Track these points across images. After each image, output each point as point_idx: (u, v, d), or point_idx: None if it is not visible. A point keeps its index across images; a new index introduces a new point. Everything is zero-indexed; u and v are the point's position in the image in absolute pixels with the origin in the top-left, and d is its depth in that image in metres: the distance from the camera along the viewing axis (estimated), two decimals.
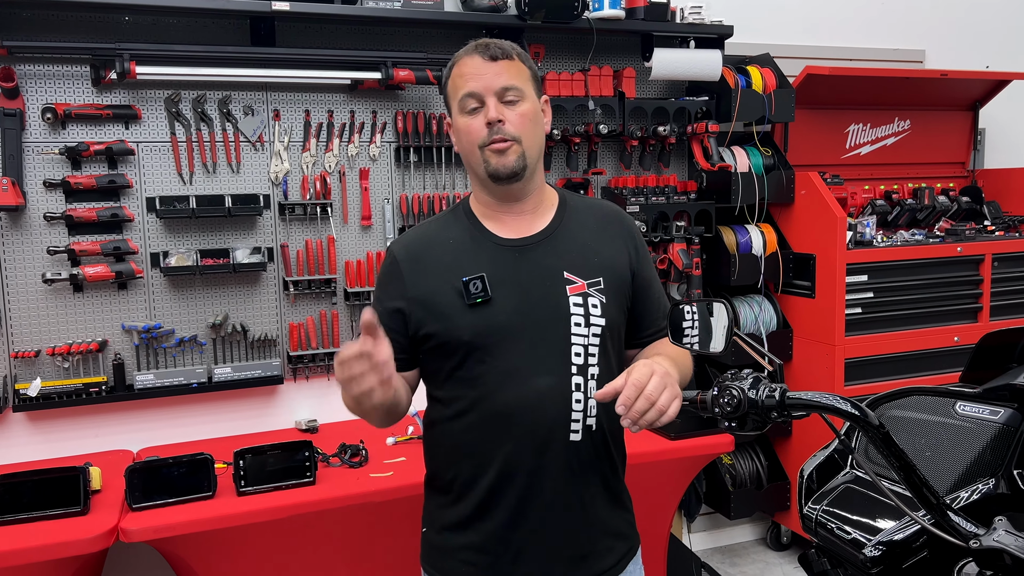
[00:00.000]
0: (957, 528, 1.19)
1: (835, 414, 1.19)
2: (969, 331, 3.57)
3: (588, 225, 1.64)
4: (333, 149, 3.04)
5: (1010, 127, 4.34)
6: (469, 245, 1.58)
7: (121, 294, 2.83)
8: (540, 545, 1.55)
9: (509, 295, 1.53)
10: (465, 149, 1.57)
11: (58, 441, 2.79)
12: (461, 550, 1.58)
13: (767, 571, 3.71)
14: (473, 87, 1.51)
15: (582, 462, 1.56)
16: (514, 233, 1.59)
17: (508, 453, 1.53)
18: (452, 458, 1.60)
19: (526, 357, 1.52)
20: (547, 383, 1.52)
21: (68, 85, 2.73)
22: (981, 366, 1.60)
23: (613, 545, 1.63)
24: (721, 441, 2.83)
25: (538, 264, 1.56)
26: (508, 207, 1.60)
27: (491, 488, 1.54)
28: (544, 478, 1.54)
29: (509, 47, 1.54)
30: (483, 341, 1.52)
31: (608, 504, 1.63)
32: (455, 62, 1.56)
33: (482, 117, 1.51)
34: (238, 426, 3.00)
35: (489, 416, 1.53)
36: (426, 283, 1.56)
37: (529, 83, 1.55)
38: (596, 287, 1.57)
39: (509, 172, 1.52)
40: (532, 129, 1.55)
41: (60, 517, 2.22)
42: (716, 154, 3.47)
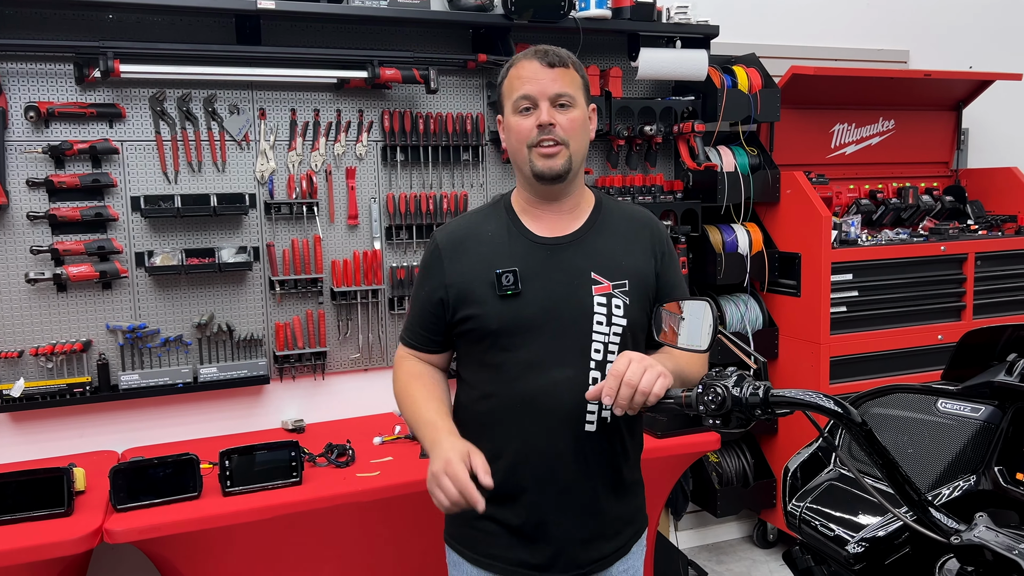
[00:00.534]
0: (938, 524, 1.20)
1: (818, 412, 1.20)
2: (953, 329, 3.61)
3: (619, 230, 1.73)
4: (319, 148, 3.03)
5: (993, 127, 4.38)
6: (505, 239, 1.68)
7: (105, 294, 2.81)
8: (553, 525, 1.66)
9: (538, 290, 1.63)
10: (513, 147, 1.66)
11: (42, 442, 2.77)
12: (480, 519, 1.65)
13: (753, 568, 3.73)
14: (529, 90, 1.60)
15: (595, 451, 1.65)
16: (549, 232, 1.69)
17: (525, 437, 1.64)
18: (475, 437, 1.64)
19: (548, 349, 1.62)
20: (565, 375, 1.62)
21: (51, 83, 2.71)
22: (962, 364, 1.62)
23: (622, 529, 1.74)
24: (707, 439, 2.84)
25: (568, 263, 1.66)
26: (547, 205, 1.69)
27: (508, 469, 1.64)
28: (558, 464, 1.64)
29: (566, 56, 1.64)
30: (509, 331, 1.62)
31: (619, 492, 1.72)
32: (513, 63, 1.65)
33: (533, 119, 1.60)
34: (224, 426, 2.99)
35: (510, 402, 1.64)
36: (463, 271, 1.67)
37: (580, 92, 1.65)
38: (621, 289, 1.66)
39: (554, 174, 1.62)
40: (580, 135, 1.64)
41: (44, 518, 2.21)
42: (702, 154, 3.49)
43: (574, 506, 1.66)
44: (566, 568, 1.68)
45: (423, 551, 2.64)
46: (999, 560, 1.14)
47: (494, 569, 1.70)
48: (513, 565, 1.68)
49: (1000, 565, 1.14)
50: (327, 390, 3.14)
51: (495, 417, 1.67)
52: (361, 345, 3.16)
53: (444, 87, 3.17)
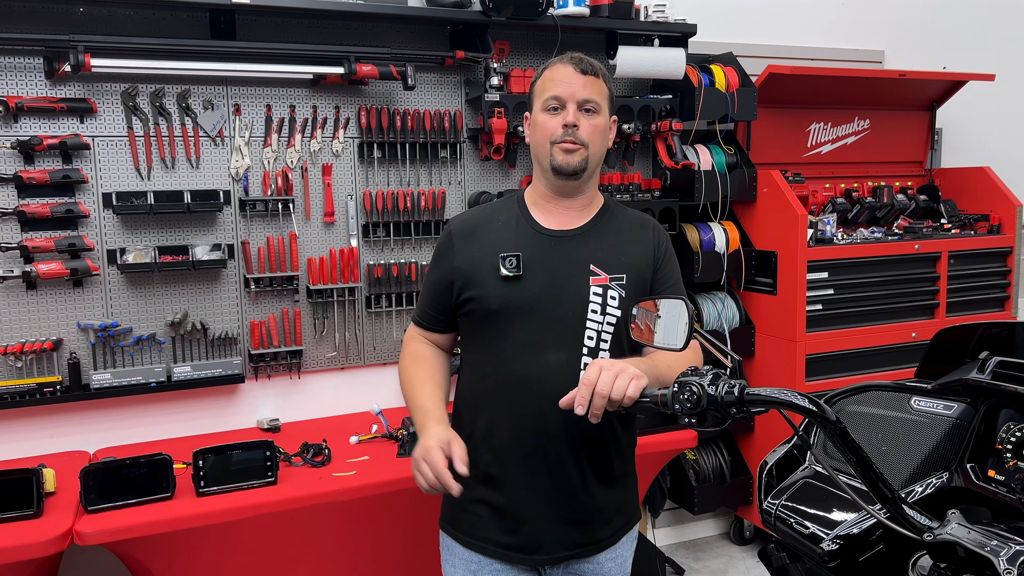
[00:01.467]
0: (912, 522, 1.21)
1: (793, 410, 1.20)
2: (926, 327, 3.64)
3: (622, 229, 1.84)
4: (295, 144, 3.00)
5: (966, 127, 4.43)
6: (513, 229, 1.80)
7: (76, 292, 2.77)
8: (543, 507, 1.74)
9: (538, 276, 1.74)
10: (537, 141, 1.78)
11: (11, 442, 2.72)
12: (472, 503, 1.77)
13: (730, 565, 3.75)
14: (560, 91, 1.73)
15: (585, 436, 1.73)
16: (555, 225, 1.80)
17: (517, 417, 1.73)
18: (471, 413, 1.81)
19: (543, 333, 1.72)
20: (558, 359, 1.72)
21: (20, 77, 2.66)
22: (936, 361, 1.63)
23: (612, 518, 1.82)
24: (684, 437, 2.85)
25: (569, 254, 1.77)
26: (560, 200, 1.81)
27: (502, 444, 1.75)
28: (548, 445, 1.72)
29: (598, 66, 1.76)
30: (508, 312, 1.73)
31: (609, 479, 1.80)
32: (548, 66, 1.78)
33: (560, 118, 1.73)
34: (198, 426, 2.96)
35: (504, 381, 1.74)
36: (471, 255, 1.78)
37: (606, 101, 1.77)
38: (618, 282, 1.76)
39: (572, 170, 1.74)
40: (599, 140, 1.77)
41: (13, 520, 2.16)
42: (680, 152, 3.50)
43: (565, 488, 1.74)
44: (552, 550, 1.75)
45: (400, 550, 2.62)
46: (971, 556, 1.15)
47: (485, 552, 1.77)
48: (503, 548, 1.76)
49: (972, 561, 1.15)
50: (303, 389, 3.12)
51: (490, 395, 1.77)
52: (338, 344, 3.13)
53: (422, 84, 3.15)
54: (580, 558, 1.79)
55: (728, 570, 3.70)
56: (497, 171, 3.35)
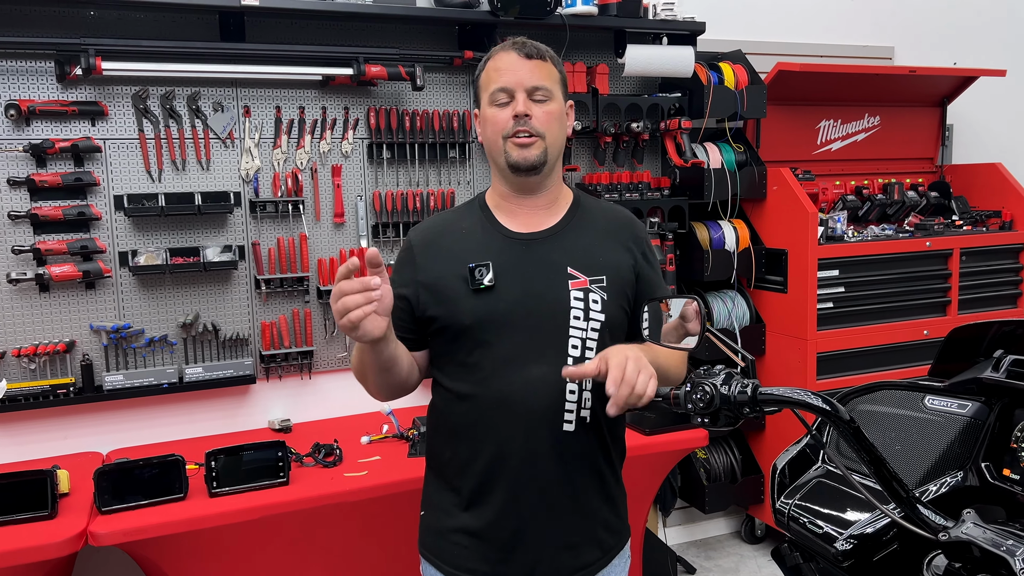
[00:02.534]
0: (926, 521, 1.20)
1: (806, 409, 1.20)
2: (938, 324, 3.63)
3: (597, 226, 1.69)
4: (304, 146, 3.01)
5: (977, 123, 4.41)
6: (479, 235, 1.65)
7: (89, 294, 2.78)
8: (531, 531, 1.60)
9: (512, 285, 1.59)
10: (489, 138, 1.63)
11: (25, 444, 2.74)
12: (454, 532, 1.64)
13: (742, 564, 3.74)
14: (506, 82, 1.58)
15: (575, 452, 1.61)
16: (524, 227, 1.66)
17: (502, 438, 1.59)
18: (450, 441, 1.66)
19: (524, 346, 1.58)
20: (541, 372, 1.57)
21: (32, 81, 2.67)
22: (949, 360, 1.62)
23: (603, 538, 1.68)
24: (695, 436, 2.85)
25: (543, 258, 1.62)
26: (523, 199, 1.66)
27: (485, 471, 1.60)
28: (536, 465, 1.59)
29: (544, 49, 1.62)
30: (483, 326, 1.58)
31: (601, 496, 1.67)
32: (491, 56, 1.63)
33: (510, 110, 1.58)
34: (210, 426, 2.97)
35: (485, 401, 1.59)
36: (435, 268, 1.63)
37: (558, 86, 1.63)
38: (598, 284, 1.62)
39: (529, 165, 1.59)
40: (556, 128, 1.62)
41: (27, 521, 2.18)
42: (689, 150, 3.49)
43: (554, 509, 1.61)
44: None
45: (412, 550, 2.62)
46: (986, 556, 1.14)
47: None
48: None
49: (987, 561, 1.14)
50: (314, 389, 3.13)
51: (470, 418, 1.61)
52: (348, 344, 3.14)
53: (430, 84, 3.15)
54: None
55: (739, 569, 3.70)
56: None
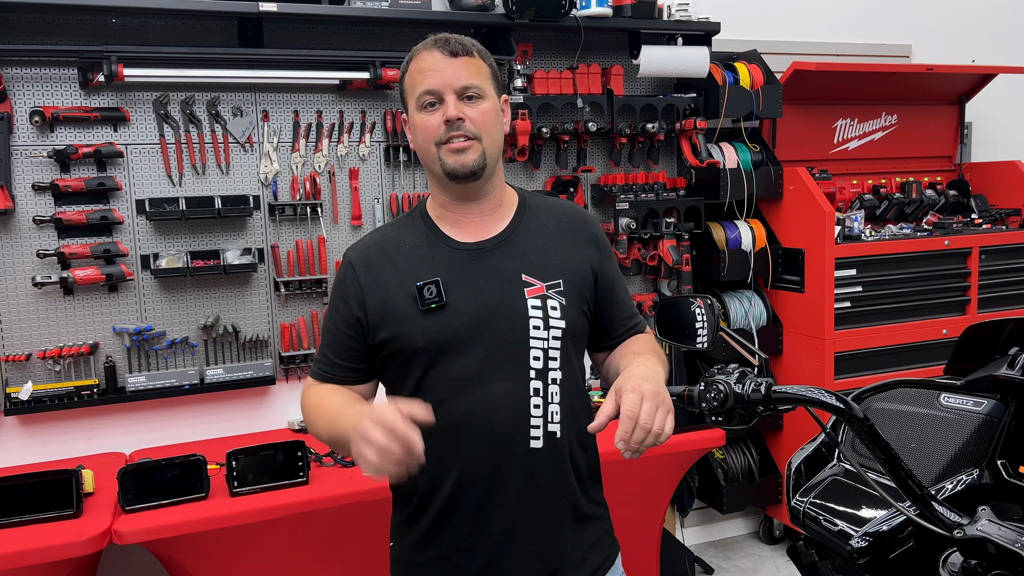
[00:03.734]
0: (941, 518, 1.20)
1: (820, 407, 1.20)
2: (957, 324, 3.60)
3: (549, 227, 1.59)
4: (322, 149, 3.04)
5: (996, 121, 4.37)
6: (425, 249, 1.53)
7: (112, 296, 2.83)
8: (507, 555, 1.50)
9: (465, 300, 1.48)
10: (421, 146, 1.51)
11: (50, 444, 2.79)
12: (426, 566, 1.53)
13: (760, 564, 3.73)
14: (432, 84, 1.46)
15: (546, 469, 1.50)
16: (471, 236, 1.54)
17: (465, 461, 1.48)
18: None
19: (483, 363, 1.47)
20: (503, 388, 1.47)
21: (56, 88, 2.72)
22: (965, 358, 1.62)
23: (586, 556, 1.57)
24: (712, 436, 2.85)
25: (495, 267, 1.51)
26: (466, 207, 1.55)
27: (449, 497, 1.49)
28: (505, 486, 1.48)
29: (470, 43, 1.50)
30: (438, 347, 1.47)
31: (578, 513, 1.56)
32: (413, 56, 1.51)
33: (440, 114, 1.46)
34: (231, 427, 3.01)
35: (446, 424, 1.43)
36: (382, 289, 1.51)
37: (489, 81, 1.51)
38: (555, 289, 1.52)
39: (468, 171, 1.47)
40: (493, 128, 1.50)
41: (53, 520, 2.22)
42: (704, 150, 3.49)
43: (528, 533, 1.49)
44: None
45: None
46: (1002, 553, 1.14)
47: None
48: None
49: (1003, 558, 1.14)
50: None
51: (429, 445, 1.33)
52: None
53: None
54: None
55: (758, 569, 3.69)
56: (522, 172, 3.37)
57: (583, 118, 3.26)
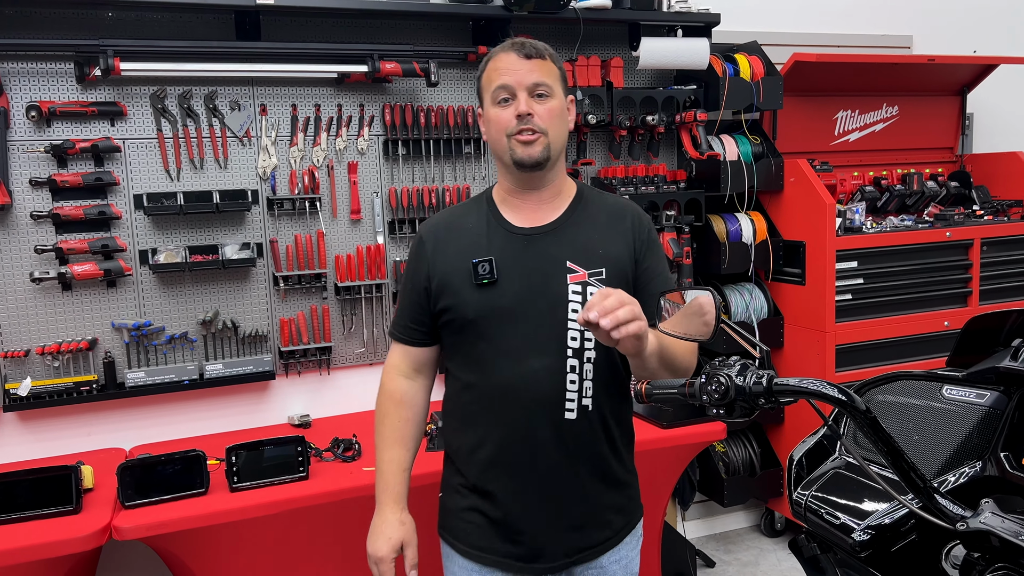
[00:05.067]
0: (944, 511, 1.20)
1: (822, 399, 1.19)
2: (959, 315, 3.59)
3: (598, 219, 1.74)
4: (321, 143, 3.03)
5: (998, 111, 4.35)
6: (484, 230, 1.71)
7: (110, 292, 2.82)
8: (536, 514, 1.68)
9: (513, 279, 1.66)
10: (493, 137, 1.69)
11: (49, 440, 2.78)
12: (465, 511, 1.73)
13: (761, 557, 3.73)
14: (506, 81, 1.63)
15: (577, 439, 1.67)
16: (527, 222, 1.72)
17: (505, 426, 1.67)
18: (460, 428, 1.76)
19: (525, 338, 1.65)
20: (542, 363, 1.64)
21: (52, 82, 2.71)
22: (967, 350, 1.61)
23: (611, 519, 1.74)
24: (713, 429, 2.84)
25: (544, 252, 1.68)
26: (527, 194, 1.72)
27: (491, 458, 1.69)
28: (538, 451, 1.66)
29: (542, 47, 1.67)
30: (486, 320, 1.66)
31: (606, 480, 1.73)
32: (491, 57, 1.69)
33: (512, 109, 1.63)
34: (230, 422, 3.00)
35: (489, 391, 1.68)
36: (445, 262, 1.71)
37: (558, 82, 1.68)
38: (598, 277, 1.67)
39: (534, 161, 1.65)
40: (558, 124, 1.67)
41: (52, 516, 2.22)
42: (705, 143, 3.47)
43: (558, 493, 1.68)
44: (552, 557, 1.70)
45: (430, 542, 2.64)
46: (1006, 546, 1.13)
47: (483, 561, 1.72)
48: (500, 556, 1.70)
49: (1006, 551, 1.13)
50: (332, 385, 3.15)
51: (476, 407, 1.71)
52: (366, 339, 3.16)
53: (445, 80, 3.16)
54: (581, 563, 1.73)
55: (759, 562, 3.69)
56: None
57: (583, 110, 3.25)
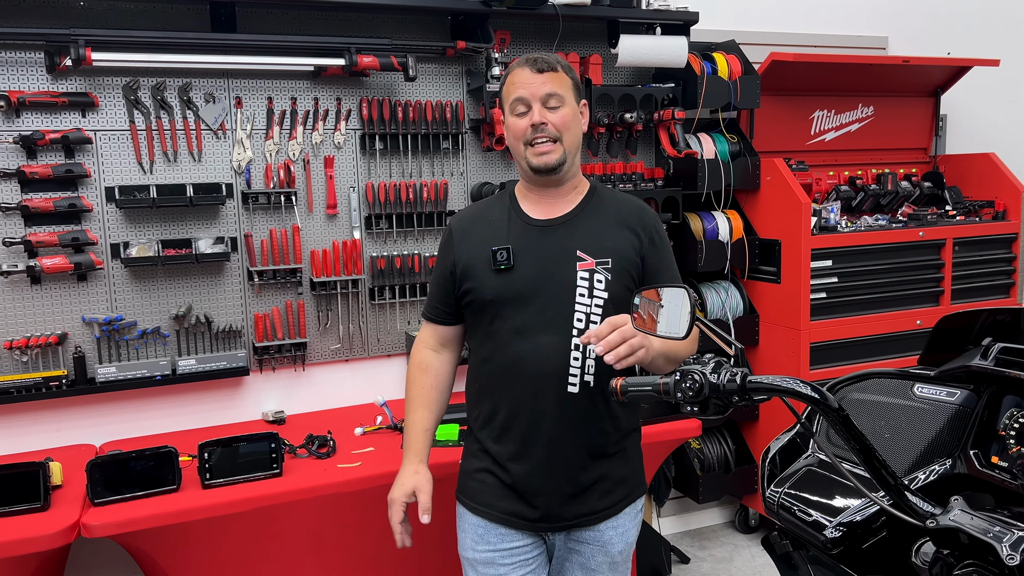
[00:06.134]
0: (914, 508, 1.21)
1: (795, 397, 1.20)
2: (931, 314, 3.63)
3: (608, 214, 1.92)
4: (297, 137, 3.00)
5: (971, 113, 4.41)
6: (505, 222, 1.92)
7: (81, 286, 2.78)
8: (540, 477, 1.86)
9: (528, 265, 1.86)
10: (512, 144, 1.90)
11: (17, 436, 2.74)
12: (478, 472, 1.94)
13: (736, 553, 3.76)
14: (522, 94, 1.84)
15: (579, 411, 1.85)
16: (543, 214, 1.92)
17: (515, 396, 1.86)
18: (477, 398, 1.96)
19: (536, 318, 1.84)
20: (550, 340, 1.83)
21: (21, 72, 2.66)
22: (938, 349, 1.63)
23: (612, 489, 1.92)
24: (689, 426, 2.85)
25: (557, 242, 1.88)
26: (544, 191, 1.93)
27: (503, 425, 1.88)
28: (543, 420, 1.85)
29: (554, 61, 1.86)
30: (503, 301, 1.86)
31: (607, 452, 1.90)
32: (510, 72, 1.89)
33: (528, 119, 1.84)
34: (203, 418, 2.97)
35: (503, 364, 1.87)
36: (468, 250, 1.92)
37: (570, 91, 1.87)
38: (604, 266, 1.86)
39: (549, 168, 1.85)
40: (572, 129, 1.87)
41: (20, 513, 2.18)
42: (683, 141, 3.48)
43: (559, 462, 1.86)
44: (555, 519, 1.88)
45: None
46: (974, 542, 1.15)
47: (490, 517, 1.90)
48: (506, 514, 1.89)
49: (975, 547, 1.15)
50: (308, 381, 3.13)
51: (491, 379, 1.91)
52: (342, 336, 3.14)
53: (423, 75, 3.14)
54: (582, 527, 1.91)
55: (733, 558, 3.71)
56: (499, 162, 3.35)
57: None
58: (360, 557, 2.60)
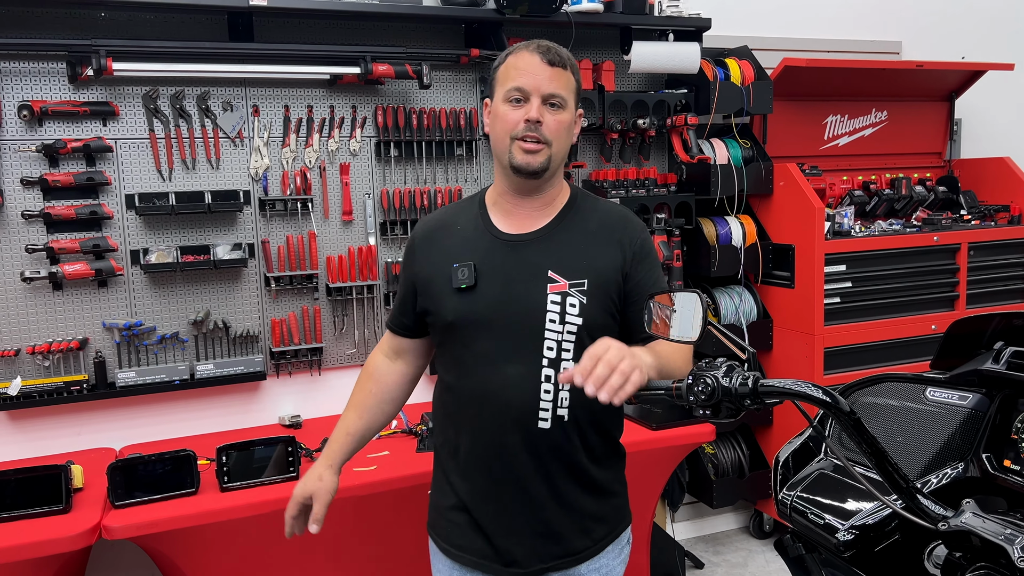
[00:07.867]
0: (927, 511, 1.21)
1: (807, 401, 1.21)
2: (946, 319, 3.61)
3: (588, 228, 1.69)
4: (313, 144, 3.04)
5: (986, 117, 4.39)
6: (471, 234, 1.69)
7: (101, 292, 2.82)
8: (511, 518, 1.67)
9: (492, 285, 1.63)
10: (496, 134, 1.65)
11: (40, 440, 2.78)
12: (449, 510, 1.73)
13: (750, 559, 3.75)
14: (523, 82, 1.59)
15: (551, 448, 1.64)
16: (514, 228, 1.69)
17: (478, 432, 1.66)
18: (443, 424, 1.76)
19: (500, 345, 1.62)
20: (517, 371, 1.62)
21: (44, 82, 2.71)
22: (951, 353, 1.63)
23: (592, 528, 1.70)
24: (703, 431, 2.86)
25: (526, 260, 1.64)
26: (520, 200, 1.69)
27: (466, 459, 1.69)
28: (508, 458, 1.64)
29: (566, 57, 1.63)
30: (464, 324, 1.64)
31: (586, 489, 1.69)
32: (513, 51, 1.64)
33: (522, 111, 1.59)
34: (221, 422, 3.00)
35: (465, 393, 1.67)
36: (429, 264, 1.70)
37: (572, 95, 1.65)
38: (578, 288, 1.62)
39: (532, 170, 1.62)
40: (564, 137, 1.64)
41: (42, 515, 2.22)
42: (695, 146, 3.49)
43: (532, 500, 1.65)
44: (527, 563, 1.67)
45: (420, 544, 2.65)
46: (986, 545, 1.15)
47: (463, 561, 1.71)
48: (478, 557, 1.69)
49: (987, 550, 1.15)
50: (324, 385, 3.16)
51: (454, 408, 1.72)
52: (357, 340, 3.17)
53: (437, 82, 3.17)
54: (558, 570, 1.69)
55: (748, 563, 3.71)
56: None
57: None
58: (376, 560, 2.63)
